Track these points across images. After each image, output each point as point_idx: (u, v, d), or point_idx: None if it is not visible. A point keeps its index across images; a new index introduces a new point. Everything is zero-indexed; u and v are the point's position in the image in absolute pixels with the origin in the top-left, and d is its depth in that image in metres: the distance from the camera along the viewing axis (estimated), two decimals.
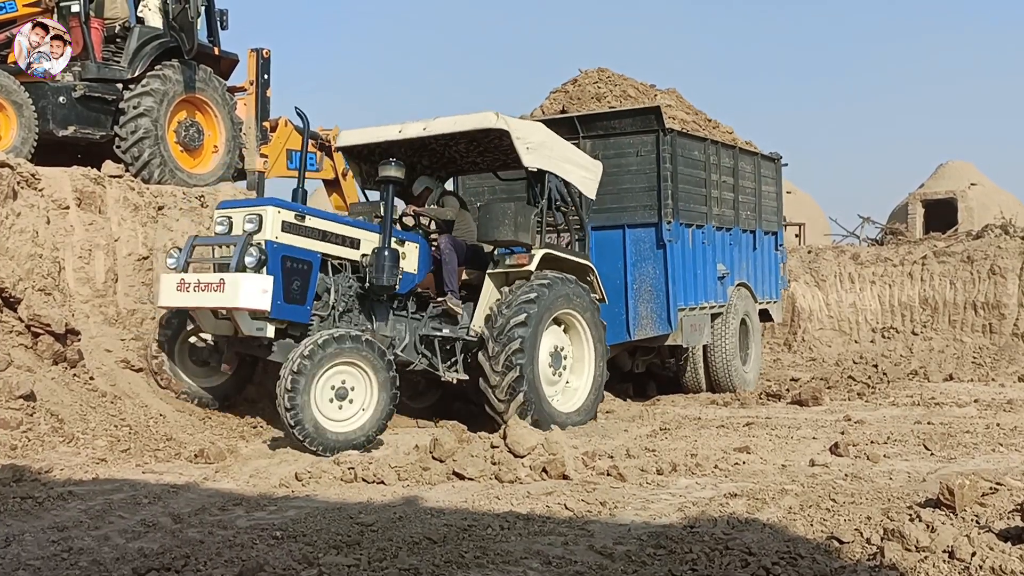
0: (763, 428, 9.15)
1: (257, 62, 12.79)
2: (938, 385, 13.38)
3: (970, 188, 29.96)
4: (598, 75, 13.56)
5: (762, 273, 14.12)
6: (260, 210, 8.21)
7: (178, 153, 11.43)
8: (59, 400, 7.28)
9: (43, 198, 8.65)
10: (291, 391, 7.46)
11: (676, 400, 12.11)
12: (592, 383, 9.85)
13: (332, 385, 7.78)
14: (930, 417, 9.51)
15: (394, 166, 8.79)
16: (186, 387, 8.76)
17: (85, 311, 8.59)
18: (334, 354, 7.69)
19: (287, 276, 8.13)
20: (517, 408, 8.87)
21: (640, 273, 11.71)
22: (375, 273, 8.64)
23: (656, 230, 11.65)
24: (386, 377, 7.97)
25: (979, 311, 19.70)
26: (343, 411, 7.85)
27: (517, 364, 8.90)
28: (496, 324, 9.02)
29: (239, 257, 7.89)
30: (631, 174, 11.76)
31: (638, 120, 11.79)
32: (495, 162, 11.11)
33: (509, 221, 9.18)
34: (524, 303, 9.06)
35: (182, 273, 8.21)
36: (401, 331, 9.18)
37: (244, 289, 7.76)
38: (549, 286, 9.29)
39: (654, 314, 11.68)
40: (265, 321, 8.05)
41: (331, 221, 8.85)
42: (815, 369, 17.63)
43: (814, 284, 21.55)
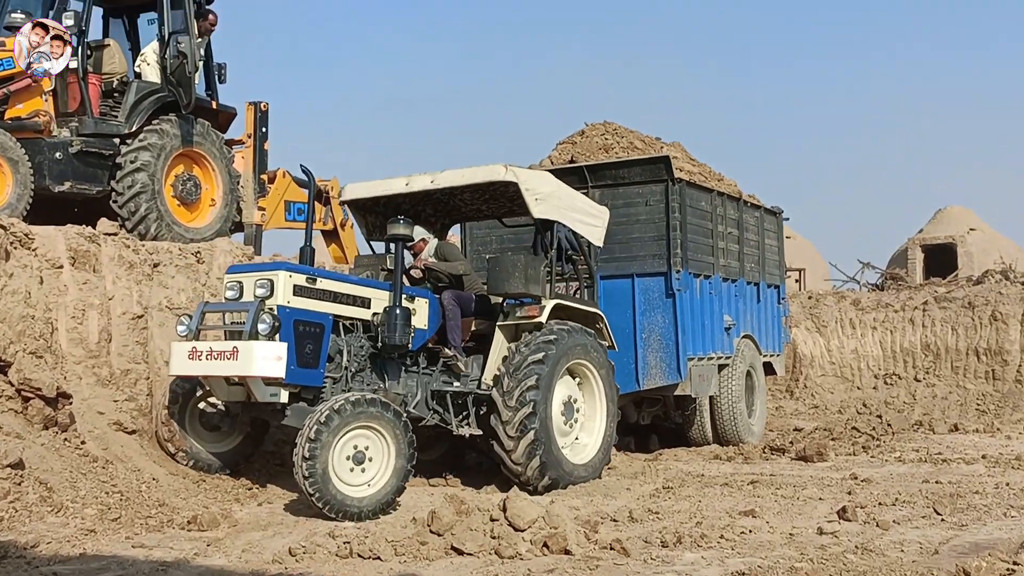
0: (768, 487, 8.98)
1: (255, 115, 12.78)
2: (943, 437, 13.22)
3: (969, 233, 29.97)
4: (604, 127, 13.63)
5: (766, 326, 14.08)
6: (271, 275, 8.12)
7: (175, 207, 11.34)
8: (49, 467, 7.11)
9: (36, 258, 8.53)
10: (309, 458, 7.35)
11: (679, 454, 11.94)
12: (602, 441, 9.77)
13: (350, 450, 7.68)
14: (938, 475, 9.34)
15: (403, 224, 8.74)
16: (196, 453, 8.65)
17: (78, 372, 8.44)
18: (351, 418, 7.59)
19: (300, 340, 8.05)
20: (535, 470, 8.82)
21: (649, 322, 11.65)
22: (387, 332, 8.58)
23: (665, 279, 11.64)
24: (402, 438, 7.88)
25: (982, 357, 19.58)
26: (361, 475, 7.74)
27: (531, 400, 8.83)
28: (507, 388, 8.91)
29: (252, 324, 7.80)
30: (640, 223, 11.78)
31: (647, 170, 11.82)
32: (500, 209, 11.06)
33: (519, 274, 9.11)
34: (534, 364, 8.97)
35: (193, 341, 8.13)
36: (413, 387, 9.09)
37: (258, 357, 7.68)
38: (557, 341, 9.21)
39: (663, 363, 11.61)
40: (279, 387, 7.97)
41: (342, 282, 8.77)
42: (818, 417, 17.47)
43: (815, 330, 21.43)
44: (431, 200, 10.74)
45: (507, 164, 9.33)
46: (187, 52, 11.08)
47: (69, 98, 10.91)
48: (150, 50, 11.60)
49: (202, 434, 8.81)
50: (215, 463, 8.77)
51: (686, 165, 12.80)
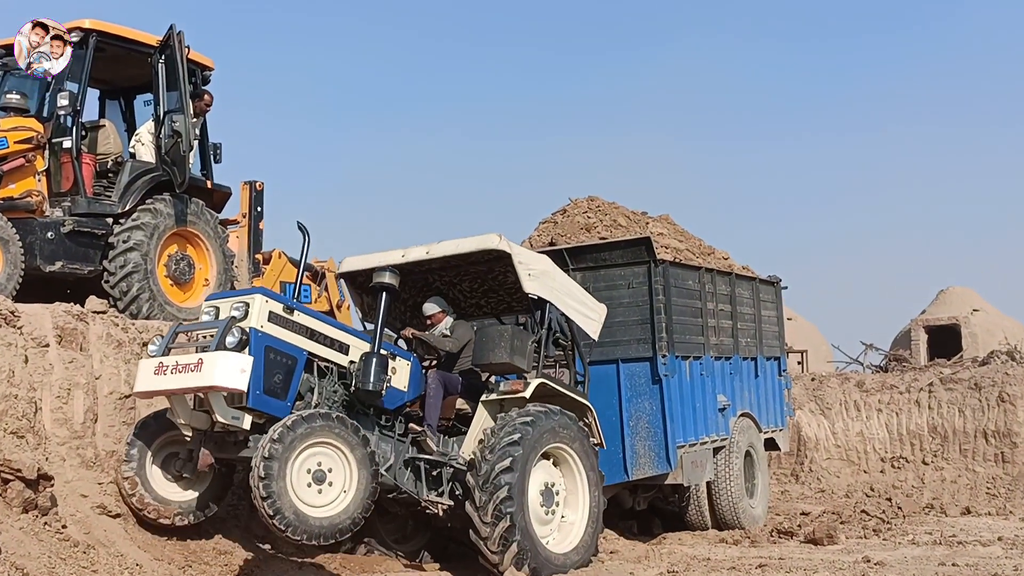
0: (777, 571, 8.66)
1: (250, 195, 12.70)
2: (956, 520, 12.89)
3: (973, 314, 29.84)
4: (588, 204, 13.48)
5: (766, 401, 13.72)
6: (247, 298, 7.97)
7: (168, 287, 11.17)
8: (26, 552, 6.81)
9: (21, 335, 8.32)
10: (264, 478, 7.01)
11: (683, 538, 11.57)
12: (588, 515, 9.30)
13: (308, 468, 7.34)
14: (954, 558, 9.02)
15: (389, 274, 8.57)
16: (175, 508, 8.34)
17: (61, 454, 8.16)
18: (305, 434, 7.27)
19: (269, 366, 7.77)
20: (512, 559, 8.40)
21: (636, 409, 11.26)
22: (361, 377, 8.26)
23: (651, 364, 11.27)
24: (364, 454, 7.56)
25: (990, 440, 19.23)
26: (323, 495, 7.40)
27: (507, 513, 8.44)
28: (481, 471, 8.58)
29: (220, 337, 7.57)
30: (624, 307, 11.40)
31: (628, 251, 11.51)
32: (499, 304, 10.83)
33: (505, 344, 8.91)
34: (508, 446, 8.62)
35: (160, 357, 7.86)
36: (386, 451, 8.73)
37: (221, 367, 7.41)
38: (532, 423, 8.84)
39: (652, 452, 11.19)
40: (242, 411, 7.67)
41: (321, 321, 8.56)
42: (825, 501, 17.08)
43: (819, 412, 21.10)
44: (431, 290, 10.56)
45: (501, 235, 9.19)
46: (182, 131, 11.01)
47: (63, 178, 10.79)
48: (145, 130, 11.57)
49: (166, 486, 8.48)
50: (187, 510, 8.44)
51: (673, 242, 12.62)
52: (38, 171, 10.64)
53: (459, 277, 10.21)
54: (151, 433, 8.43)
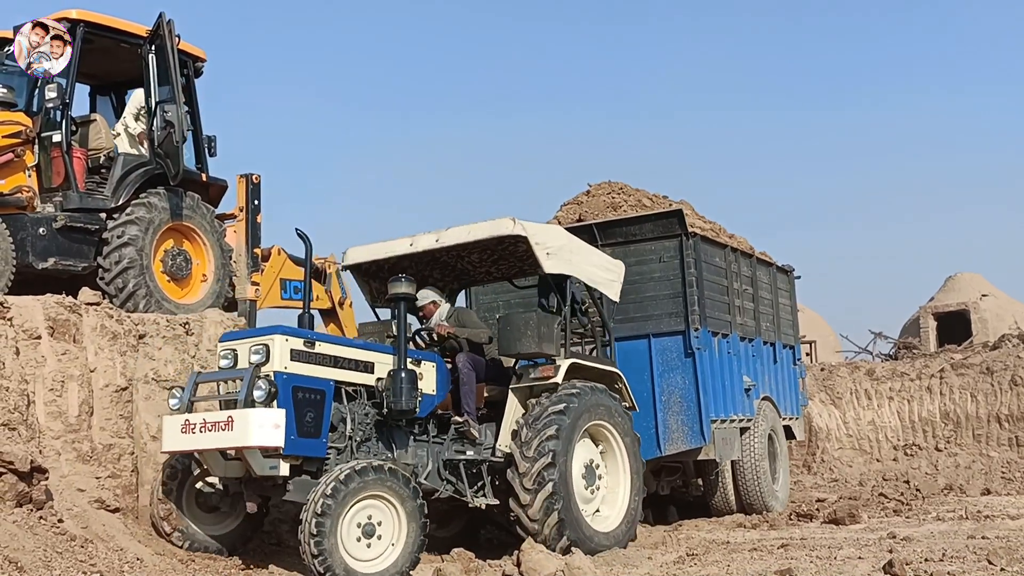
0: (800, 549, 8.37)
1: (247, 188, 12.42)
2: (978, 499, 12.63)
3: (982, 299, 29.56)
4: (610, 186, 13.38)
5: (783, 388, 13.57)
6: (267, 340, 7.64)
7: (165, 283, 10.90)
8: (20, 546, 6.52)
9: (12, 328, 8.06)
10: (316, 535, 6.80)
11: (700, 524, 11.32)
12: (629, 501, 9.19)
13: (358, 522, 7.14)
14: (983, 531, 8.74)
15: (404, 282, 8.25)
16: (193, 535, 8.09)
17: (56, 448, 7.89)
18: (358, 489, 7.05)
19: (300, 408, 7.51)
20: (552, 527, 8.17)
21: (668, 384, 11.14)
22: (393, 397, 8.03)
23: (684, 338, 11.17)
24: (414, 507, 7.35)
25: (1004, 424, 19.01)
26: (372, 549, 7.20)
27: (550, 480, 8.24)
28: (524, 439, 8.39)
29: (247, 391, 7.32)
30: (654, 281, 11.34)
31: (659, 225, 11.42)
32: (510, 270, 10.62)
33: (532, 332, 8.66)
34: (554, 414, 8.46)
35: (186, 414, 7.62)
36: (423, 457, 8.52)
37: (255, 425, 7.17)
38: (579, 395, 8.73)
39: (685, 426, 11.05)
40: (279, 459, 7.43)
41: (342, 346, 8.30)
42: (839, 490, 16.84)
43: (830, 402, 20.88)
44: (438, 264, 10.35)
45: (515, 218, 8.92)
46: (175, 122, 10.76)
47: (53, 173, 10.54)
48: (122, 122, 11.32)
49: (199, 515, 8.25)
50: (212, 545, 8.18)
51: (697, 222, 12.45)
52: (28, 166, 10.38)
53: (467, 250, 9.96)
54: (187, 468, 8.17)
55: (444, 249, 9.53)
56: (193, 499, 8.27)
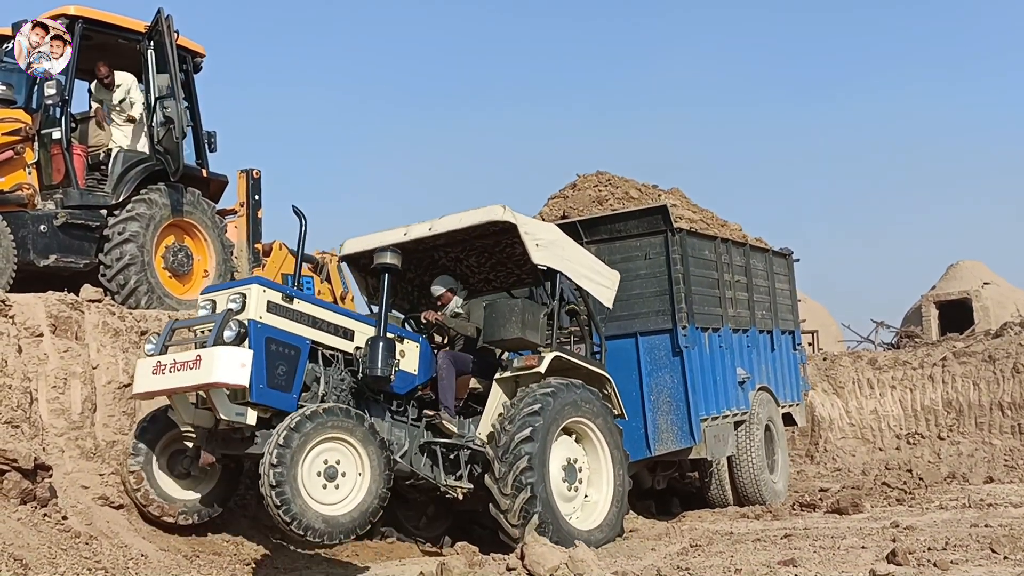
0: (804, 539, 8.38)
1: (247, 183, 12.42)
2: (980, 487, 12.62)
3: (984, 287, 29.50)
4: (597, 178, 13.19)
5: (782, 375, 13.43)
6: (244, 289, 7.63)
7: (166, 279, 10.90)
8: (24, 543, 6.53)
9: (14, 325, 8.05)
10: (276, 485, 6.68)
11: (703, 515, 11.30)
12: (613, 494, 9.04)
13: (320, 465, 7.01)
14: (986, 519, 8.74)
15: (390, 254, 8.20)
16: (179, 506, 8.05)
17: (60, 445, 7.88)
18: (311, 432, 6.92)
19: (271, 359, 7.44)
20: (532, 530, 8.06)
21: (656, 383, 10.97)
22: (368, 363, 7.93)
23: (671, 336, 10.97)
24: (373, 444, 7.23)
25: (1006, 411, 18.95)
26: (337, 491, 7.08)
27: (528, 483, 8.17)
28: (501, 442, 8.32)
29: (217, 332, 7.25)
30: (640, 278, 11.11)
31: (644, 221, 11.20)
32: (508, 278, 10.53)
33: (516, 318, 8.60)
34: (528, 415, 8.37)
35: (159, 356, 7.55)
36: (400, 437, 8.44)
37: (220, 362, 7.04)
38: (554, 394, 8.61)
39: (675, 426, 10.90)
40: (246, 406, 7.36)
41: (323, 308, 8.24)
42: (841, 479, 16.81)
43: (832, 392, 20.84)
44: (437, 268, 10.29)
45: (505, 205, 8.90)
46: (174, 117, 10.74)
47: (53, 170, 10.53)
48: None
49: (174, 481, 8.18)
50: (192, 509, 8.15)
51: (687, 213, 12.35)
52: (28, 164, 10.39)
53: (465, 252, 9.92)
54: (159, 428, 8.12)
55: (442, 250, 9.50)
56: (164, 468, 8.17)
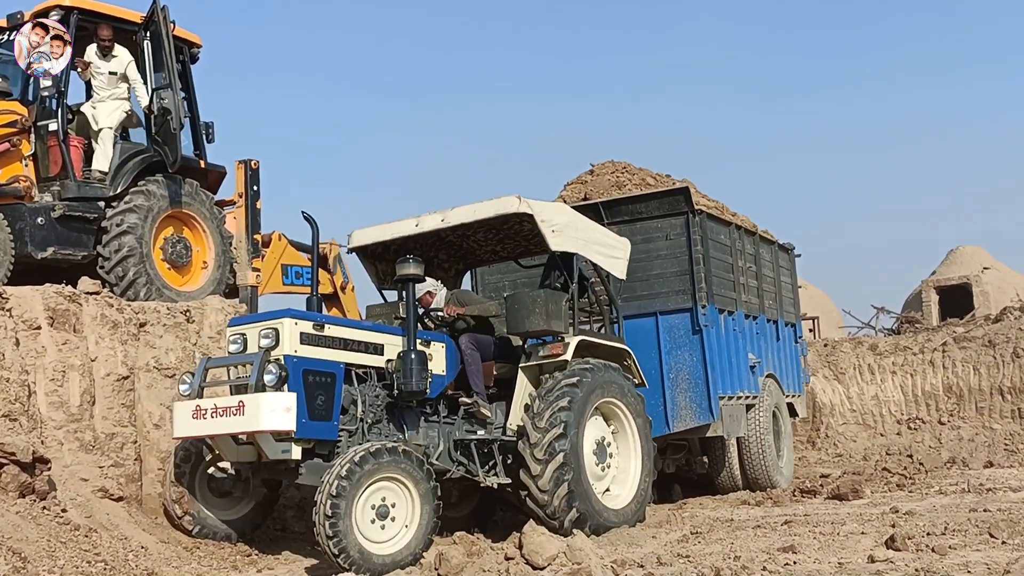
0: (804, 526, 8.38)
1: (246, 174, 12.35)
2: (980, 472, 12.64)
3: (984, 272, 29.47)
4: (614, 165, 13.35)
5: (786, 365, 13.57)
6: (276, 323, 7.62)
7: (165, 271, 10.88)
8: (23, 536, 6.54)
9: (11, 318, 8.05)
10: (331, 516, 6.79)
11: (704, 502, 11.33)
12: (639, 481, 9.19)
13: (372, 504, 7.13)
14: (985, 504, 8.74)
15: (412, 263, 8.21)
16: (204, 519, 8.11)
17: (58, 437, 7.89)
18: (373, 471, 7.05)
19: (310, 391, 7.50)
20: (562, 499, 8.17)
21: (676, 361, 11.13)
22: (403, 379, 8.01)
23: (691, 315, 11.15)
24: (427, 488, 7.36)
25: (1006, 396, 18.94)
26: (386, 531, 7.19)
27: (560, 451, 8.23)
28: (536, 410, 8.39)
29: (257, 375, 7.30)
30: (661, 259, 11.32)
31: (666, 202, 11.39)
32: (515, 249, 10.58)
33: (540, 310, 8.62)
34: (567, 387, 8.47)
35: (197, 399, 7.61)
36: (434, 438, 8.51)
37: (266, 410, 7.15)
38: (592, 371, 8.75)
39: (693, 403, 11.06)
40: (291, 442, 7.42)
41: (352, 328, 8.28)
42: (843, 465, 16.84)
43: (833, 378, 20.83)
44: (443, 244, 10.32)
45: (520, 196, 8.88)
46: (171, 108, 10.72)
47: (50, 162, 10.51)
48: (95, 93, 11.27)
49: (211, 500, 8.29)
50: (222, 530, 8.22)
51: (702, 200, 12.41)
52: (25, 156, 10.36)
53: (472, 230, 9.92)
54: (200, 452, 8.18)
55: (449, 229, 9.49)
56: (205, 484, 8.29)
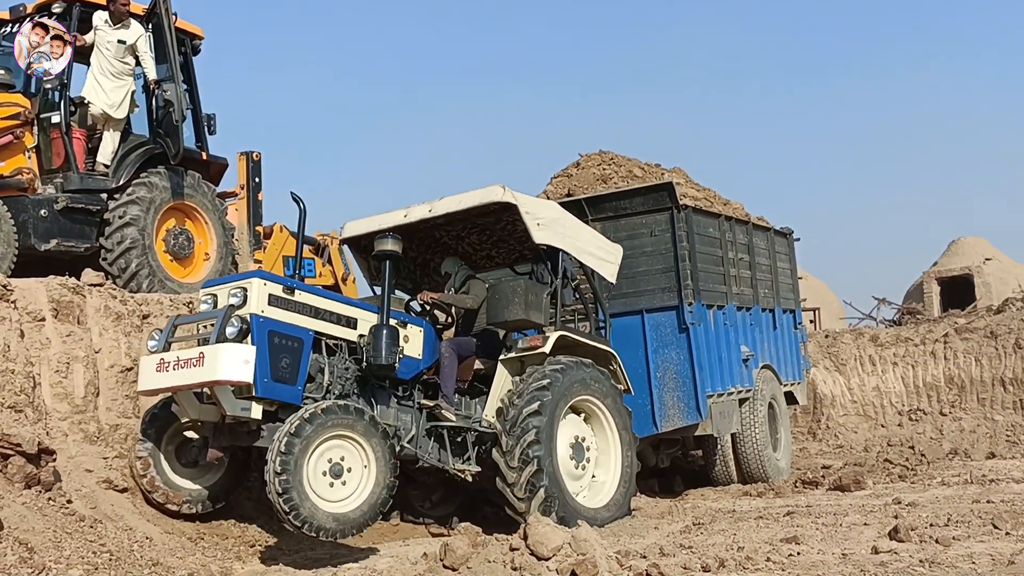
0: (806, 517, 8.40)
1: (247, 165, 12.38)
2: (982, 463, 12.64)
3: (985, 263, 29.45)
4: (600, 157, 13.19)
5: (784, 354, 13.48)
6: (245, 283, 7.63)
7: (167, 262, 10.89)
8: (30, 527, 6.55)
9: (16, 310, 8.05)
10: (281, 474, 6.73)
11: (706, 494, 11.35)
12: (620, 475, 9.09)
13: (325, 464, 7.05)
14: (988, 495, 8.76)
15: (391, 240, 8.20)
16: (184, 495, 8.10)
17: (63, 429, 7.91)
18: (323, 427, 6.96)
19: (275, 352, 7.43)
20: (539, 505, 8.13)
21: (663, 360, 11.03)
22: (372, 351, 7.93)
23: (677, 313, 11.05)
24: (383, 448, 7.26)
25: (1008, 387, 18.96)
26: (340, 490, 7.11)
27: (535, 457, 8.21)
28: (508, 416, 8.36)
29: (219, 329, 7.26)
30: (646, 256, 11.19)
31: (650, 198, 11.26)
32: (511, 254, 10.54)
33: (519, 299, 8.59)
34: (536, 391, 8.42)
35: (162, 353, 7.57)
36: (407, 421, 8.46)
37: (223, 360, 7.08)
38: (563, 371, 8.65)
39: (681, 403, 10.97)
40: (250, 401, 7.37)
41: (324, 298, 8.23)
42: (844, 456, 16.84)
43: (834, 369, 20.84)
44: (439, 246, 10.29)
45: (504, 185, 8.88)
46: (174, 100, 10.71)
47: (53, 154, 10.50)
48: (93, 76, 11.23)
49: (181, 471, 8.25)
50: (197, 498, 8.19)
51: (690, 191, 12.36)
52: (28, 148, 10.34)
53: (467, 231, 9.92)
54: (168, 416, 8.16)
55: (443, 229, 9.49)
56: (172, 456, 8.24)
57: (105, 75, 10.59)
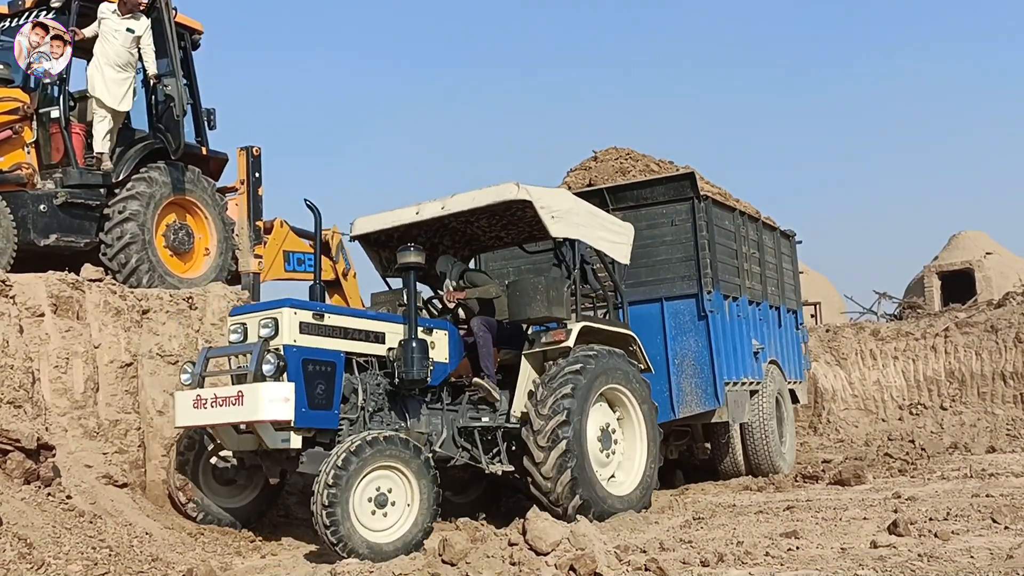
0: (806, 511, 8.40)
1: (247, 160, 12.35)
2: (982, 457, 12.66)
3: (986, 257, 29.43)
4: (617, 152, 13.37)
5: (788, 352, 13.62)
6: (275, 313, 7.65)
7: (167, 257, 10.88)
8: (29, 522, 6.55)
9: (15, 305, 8.05)
10: (329, 506, 6.83)
11: (707, 488, 11.36)
12: (645, 468, 9.23)
13: (370, 493, 7.15)
14: (987, 489, 8.76)
15: (413, 251, 8.23)
16: (207, 507, 8.18)
17: (63, 424, 7.91)
18: (370, 459, 7.06)
19: (310, 381, 7.52)
20: (565, 486, 8.20)
21: (681, 347, 11.16)
22: (403, 367, 8.03)
23: (696, 301, 11.20)
24: (426, 477, 7.37)
25: (1008, 381, 18.96)
26: (384, 519, 7.22)
27: (564, 438, 8.26)
28: (540, 397, 8.42)
29: (256, 366, 7.33)
30: (666, 244, 11.36)
31: (671, 188, 11.42)
32: (520, 235, 10.59)
33: (541, 296, 8.63)
34: (570, 374, 8.49)
35: (197, 389, 7.66)
36: (437, 425, 8.52)
37: (264, 400, 7.19)
38: (596, 357, 8.76)
39: (699, 389, 11.10)
40: (290, 431, 7.43)
41: (352, 317, 8.30)
42: (845, 450, 16.87)
43: (835, 363, 20.85)
44: (447, 231, 10.33)
45: (519, 183, 8.88)
46: (174, 95, 10.70)
47: (52, 149, 10.50)
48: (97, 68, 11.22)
49: (215, 487, 8.35)
50: (226, 518, 8.27)
51: (705, 186, 12.43)
52: (27, 143, 10.32)
53: (476, 216, 9.94)
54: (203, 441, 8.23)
55: (452, 216, 9.50)
56: (209, 472, 8.34)
57: (110, 65, 10.53)
